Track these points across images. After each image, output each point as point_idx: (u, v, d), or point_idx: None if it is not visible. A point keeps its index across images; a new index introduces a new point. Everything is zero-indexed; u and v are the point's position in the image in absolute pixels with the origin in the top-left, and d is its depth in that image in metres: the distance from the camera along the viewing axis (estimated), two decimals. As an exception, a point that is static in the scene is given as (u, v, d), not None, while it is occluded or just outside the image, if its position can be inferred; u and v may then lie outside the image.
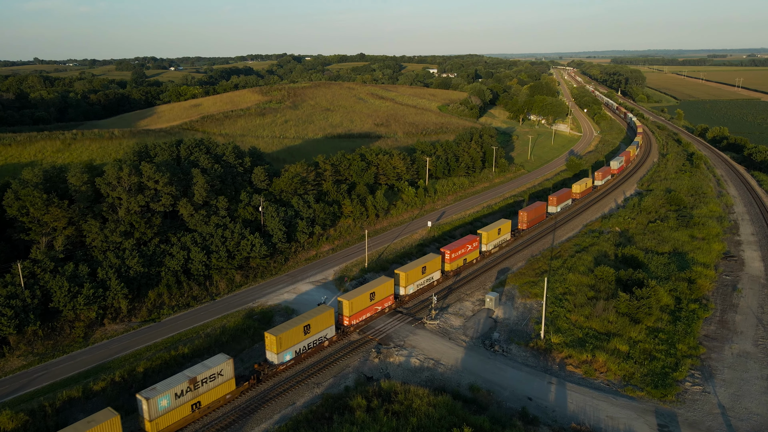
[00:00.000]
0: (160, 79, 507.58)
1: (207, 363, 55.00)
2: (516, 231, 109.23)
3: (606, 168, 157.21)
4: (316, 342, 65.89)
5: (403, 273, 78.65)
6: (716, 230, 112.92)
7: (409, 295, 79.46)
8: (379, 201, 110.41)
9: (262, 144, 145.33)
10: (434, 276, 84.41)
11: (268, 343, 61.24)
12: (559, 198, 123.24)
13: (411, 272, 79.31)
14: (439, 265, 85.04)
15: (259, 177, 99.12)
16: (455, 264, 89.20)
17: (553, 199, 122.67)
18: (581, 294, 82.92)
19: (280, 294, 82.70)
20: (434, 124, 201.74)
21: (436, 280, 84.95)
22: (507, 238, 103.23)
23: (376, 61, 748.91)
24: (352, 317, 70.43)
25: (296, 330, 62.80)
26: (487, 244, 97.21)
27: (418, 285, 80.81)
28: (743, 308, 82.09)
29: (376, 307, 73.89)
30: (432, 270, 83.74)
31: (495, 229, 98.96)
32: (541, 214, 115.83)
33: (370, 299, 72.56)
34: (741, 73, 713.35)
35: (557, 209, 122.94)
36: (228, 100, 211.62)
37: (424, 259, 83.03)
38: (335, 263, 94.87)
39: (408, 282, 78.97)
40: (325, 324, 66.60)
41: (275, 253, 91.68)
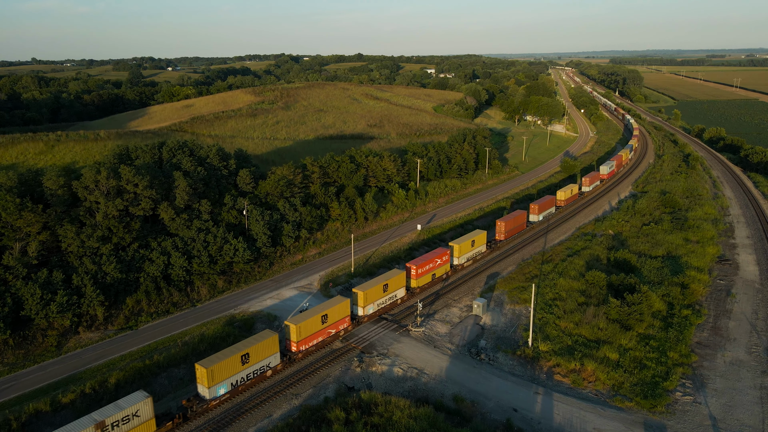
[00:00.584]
0: (157, 80, 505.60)
1: (120, 403, 48.56)
2: (493, 242, 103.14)
3: (594, 173, 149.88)
4: (257, 372, 59.20)
5: (361, 292, 72.07)
6: (711, 233, 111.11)
7: (368, 315, 73.08)
8: (368, 204, 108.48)
9: (252, 145, 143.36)
10: (398, 294, 78.03)
11: (199, 375, 54.26)
12: (541, 206, 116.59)
13: (370, 291, 72.96)
14: (403, 282, 78.87)
15: (245, 179, 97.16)
16: (423, 280, 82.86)
17: (534, 207, 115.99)
18: (571, 300, 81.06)
19: (263, 300, 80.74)
20: (428, 125, 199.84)
21: (400, 299, 78.59)
22: (482, 251, 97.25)
23: (373, 61, 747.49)
24: (300, 343, 64.05)
25: (232, 360, 56.03)
26: (459, 257, 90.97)
27: (379, 304, 74.44)
28: (737, 314, 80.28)
29: (329, 331, 67.47)
30: (395, 287, 77.46)
31: (468, 240, 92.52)
32: (520, 223, 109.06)
33: (322, 322, 66.10)
34: (739, 73, 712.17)
35: (539, 218, 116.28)
36: (220, 101, 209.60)
37: (385, 276, 76.71)
38: (321, 268, 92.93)
39: (367, 302, 72.58)
40: (268, 351, 60.01)
41: (260, 257, 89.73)
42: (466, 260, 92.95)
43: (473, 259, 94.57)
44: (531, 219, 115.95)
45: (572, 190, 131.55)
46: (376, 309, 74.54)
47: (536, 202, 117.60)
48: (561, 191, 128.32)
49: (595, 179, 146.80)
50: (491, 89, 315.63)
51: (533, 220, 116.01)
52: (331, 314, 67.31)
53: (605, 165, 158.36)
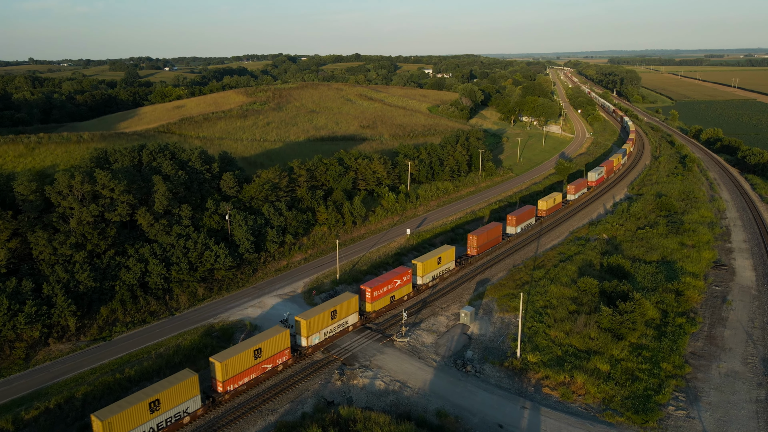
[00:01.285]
0: (152, 80, 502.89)
1: None
2: (464, 258, 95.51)
3: (581, 180, 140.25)
4: (171, 420, 51.70)
5: (305, 321, 64.90)
6: (707, 237, 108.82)
7: (312, 346, 66.34)
8: (356, 208, 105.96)
9: (241, 147, 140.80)
10: (349, 320, 71.03)
11: (95, 428, 47.12)
12: (519, 217, 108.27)
13: (316, 319, 66.05)
14: (355, 307, 71.47)
15: (228, 183, 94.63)
16: (379, 303, 75.28)
17: (512, 218, 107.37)
18: (562, 308, 78.65)
19: (244, 309, 78.21)
20: (422, 126, 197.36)
21: (352, 325, 71.58)
22: (450, 267, 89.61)
23: (371, 61, 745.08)
24: (228, 382, 56.69)
25: (138, 409, 48.61)
26: (423, 276, 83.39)
27: (326, 333, 67.57)
28: (732, 322, 77.94)
29: (264, 366, 60.20)
30: (346, 313, 70.30)
31: (434, 257, 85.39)
32: (495, 237, 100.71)
33: (255, 357, 58.75)
34: (737, 73, 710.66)
35: (517, 230, 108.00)
36: (212, 102, 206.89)
37: (334, 301, 69.66)
38: (307, 274, 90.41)
39: (311, 331, 65.66)
40: (185, 395, 52.69)
41: (242, 264, 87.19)
42: (432, 279, 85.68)
43: (440, 277, 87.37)
44: (508, 231, 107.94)
45: (555, 200, 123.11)
46: (322, 339, 67.39)
47: (514, 212, 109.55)
48: (543, 200, 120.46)
49: (581, 187, 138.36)
50: (487, 89, 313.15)
51: (510, 232, 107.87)
52: (266, 347, 59.92)
53: (593, 171, 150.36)
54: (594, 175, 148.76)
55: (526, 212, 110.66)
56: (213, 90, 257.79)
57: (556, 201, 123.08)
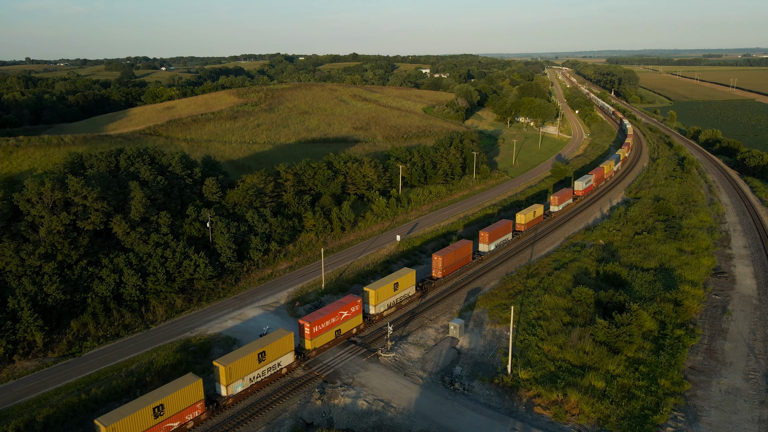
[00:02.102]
0: (148, 80, 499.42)
1: None
2: (427, 281, 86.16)
3: (565, 191, 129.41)
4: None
5: (223, 366, 54.82)
6: (706, 243, 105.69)
7: (233, 396, 56.72)
8: (345, 213, 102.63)
9: (229, 150, 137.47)
10: (282, 361, 61.39)
11: None
12: (494, 233, 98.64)
13: (239, 363, 56.19)
14: (290, 345, 62.11)
15: (211, 189, 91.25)
16: (322, 339, 66.49)
17: (484, 235, 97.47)
18: (556, 319, 75.42)
19: (224, 321, 74.85)
20: (417, 128, 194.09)
21: (285, 366, 62.05)
22: (410, 293, 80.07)
23: (368, 61, 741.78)
24: None
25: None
26: (376, 305, 74.18)
27: (252, 378, 58.47)
28: (733, 334, 74.76)
29: (168, 425, 50.49)
30: (277, 354, 60.58)
31: (390, 283, 75.81)
32: (464, 256, 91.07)
33: (155, 415, 49.16)
34: (736, 73, 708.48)
35: (490, 248, 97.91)
36: (203, 103, 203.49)
37: (263, 341, 60.11)
38: (291, 283, 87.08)
39: (232, 378, 56.13)
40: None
41: (224, 273, 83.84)
42: (387, 307, 76.18)
43: (397, 305, 77.80)
44: (481, 249, 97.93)
45: (535, 212, 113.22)
46: (247, 385, 58.06)
47: (488, 228, 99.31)
48: (521, 214, 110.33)
49: (566, 197, 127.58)
50: (484, 90, 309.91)
51: (483, 250, 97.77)
52: (170, 403, 50.31)
53: (581, 180, 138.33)
54: (581, 184, 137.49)
55: (501, 227, 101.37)
56: (206, 90, 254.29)
57: (536, 214, 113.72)
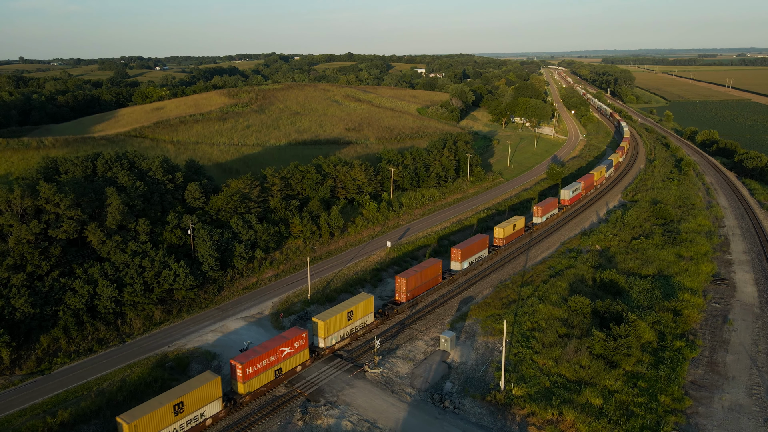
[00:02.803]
0: (141, 80, 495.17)
1: None
2: (389, 306, 77.29)
3: (550, 200, 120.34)
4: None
5: (127, 425, 46.19)
6: (705, 248, 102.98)
7: None
8: (334, 218, 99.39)
9: (217, 152, 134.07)
10: (207, 411, 52.47)
11: None
12: (467, 250, 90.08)
13: (148, 418, 47.63)
14: (216, 392, 53.26)
15: (193, 194, 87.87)
16: (258, 381, 57.77)
17: (457, 252, 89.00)
18: (551, 330, 72.41)
19: (204, 334, 71.49)
20: (410, 129, 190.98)
21: (211, 417, 52.98)
22: (367, 322, 71.82)
23: (364, 60, 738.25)
24: None
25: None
26: (326, 338, 65.52)
27: None
28: (735, 345, 71.92)
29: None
30: (201, 402, 51.82)
31: (343, 312, 67.34)
32: (432, 277, 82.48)
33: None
34: (731, 72, 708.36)
35: (463, 266, 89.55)
36: (192, 103, 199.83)
37: (182, 388, 51.62)
38: (277, 293, 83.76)
39: None
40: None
41: (206, 282, 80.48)
42: (339, 339, 67.60)
43: (352, 336, 69.51)
44: (453, 267, 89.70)
45: (515, 225, 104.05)
46: None
47: (461, 245, 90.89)
48: (499, 227, 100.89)
49: (550, 207, 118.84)
50: (479, 90, 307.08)
51: (455, 268, 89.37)
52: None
53: (568, 188, 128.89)
54: (567, 192, 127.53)
55: (476, 243, 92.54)
56: (196, 91, 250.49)
57: (516, 227, 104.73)
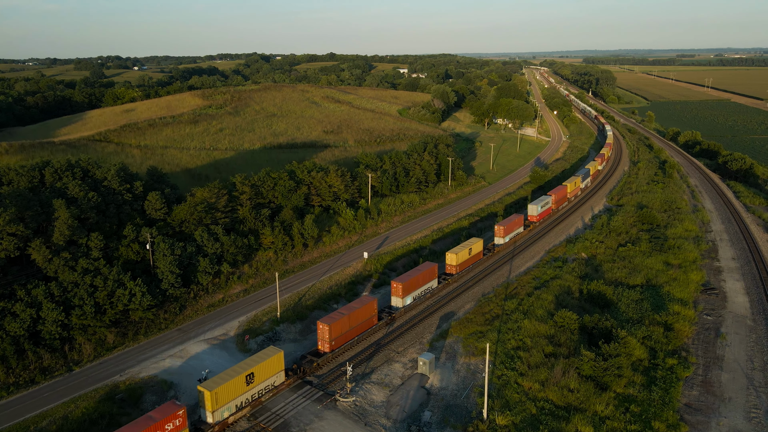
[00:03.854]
0: (117, 80, 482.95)
1: None
2: (308, 358, 63.74)
3: (515, 218, 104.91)
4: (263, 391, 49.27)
5: None
6: (693, 255, 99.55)
7: None
8: (308, 228, 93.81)
9: (186, 157, 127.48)
10: None
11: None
12: (411, 282, 76.44)
13: None
14: None
15: (154, 205, 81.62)
16: None
17: (397, 286, 75.32)
18: (537, 349, 67.82)
19: (162, 360, 65.47)
20: (390, 131, 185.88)
21: None
22: (275, 383, 58.49)
23: (346, 60, 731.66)
24: None
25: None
26: (215, 411, 51.84)
27: None
28: (730, 362, 68.08)
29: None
30: None
31: (241, 375, 54.29)
32: (365, 319, 69.84)
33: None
34: (710, 72, 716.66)
35: (404, 302, 76.15)
36: (165, 105, 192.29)
37: None
38: (245, 310, 77.97)
39: None
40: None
41: (166, 301, 74.38)
42: (236, 409, 54.19)
43: (253, 403, 56.28)
44: (393, 304, 76.53)
45: (471, 250, 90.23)
46: None
47: (403, 277, 77.10)
48: (452, 253, 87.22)
49: (515, 226, 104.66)
50: (461, 90, 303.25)
51: (396, 305, 76.21)
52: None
53: (536, 203, 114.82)
54: (536, 208, 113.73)
55: (422, 274, 78.91)
56: (171, 92, 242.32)
57: (473, 251, 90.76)
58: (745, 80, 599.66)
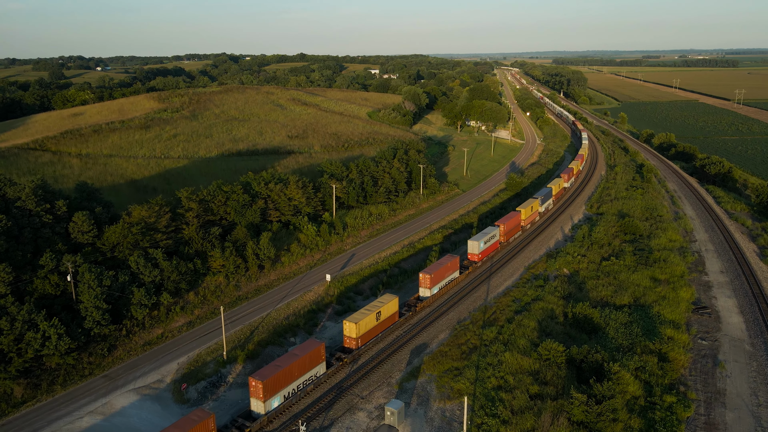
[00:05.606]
0: (77, 81, 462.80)
1: None
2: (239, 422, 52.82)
3: (447, 260, 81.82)
4: None
5: None
6: (680, 268, 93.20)
7: None
8: (263, 248, 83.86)
9: (132, 167, 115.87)
10: None
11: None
12: (279, 377, 54.38)
13: None
14: None
15: (81, 227, 70.65)
16: None
17: (257, 386, 53.27)
18: (521, 390, 59.56)
19: (79, 417, 54.79)
20: (359, 135, 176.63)
21: None
22: None
23: (316, 61, 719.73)
24: None
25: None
26: None
27: None
28: (732, 397, 61.05)
29: None
30: None
31: None
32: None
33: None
34: (676, 73, 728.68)
35: (270, 405, 54.03)
36: (117, 109, 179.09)
37: None
38: (187, 348, 67.67)
39: None
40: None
41: (91, 341, 63.65)
42: None
43: None
44: (253, 409, 54.39)
45: (380, 314, 67.33)
46: None
47: (266, 372, 54.51)
48: (350, 322, 64.36)
49: (448, 270, 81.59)
50: (433, 92, 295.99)
51: (256, 410, 54.15)
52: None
53: (478, 238, 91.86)
54: (477, 245, 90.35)
55: (299, 361, 56.70)
56: (126, 94, 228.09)
57: (382, 315, 68.04)
58: (709, 81, 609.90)
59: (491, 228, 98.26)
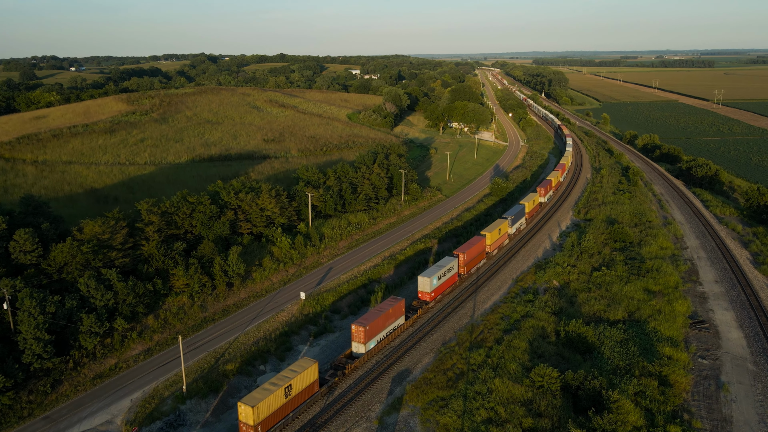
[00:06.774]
0: (49, 81, 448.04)
1: None
2: None
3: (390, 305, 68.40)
4: None
5: None
6: (674, 278, 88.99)
7: None
8: (232, 264, 77.17)
9: (94, 174, 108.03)
10: None
11: None
12: None
13: None
14: None
15: (23, 246, 63.29)
16: None
17: None
18: (514, 423, 54.11)
19: (11, 471, 47.84)
20: (339, 138, 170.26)
21: None
22: None
23: (297, 61, 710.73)
24: None
25: None
26: None
27: None
28: (740, 426, 56.49)
29: None
30: None
31: None
32: None
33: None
34: (654, 74, 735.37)
35: None
36: (82, 111, 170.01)
37: None
38: (143, 380, 60.81)
39: None
40: None
41: (31, 378, 56.45)
42: None
43: None
44: None
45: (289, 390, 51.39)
46: None
47: None
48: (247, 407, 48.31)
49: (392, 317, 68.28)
50: (415, 93, 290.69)
51: None
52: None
53: (430, 273, 76.83)
54: (428, 281, 75.50)
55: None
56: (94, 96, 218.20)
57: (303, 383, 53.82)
58: (687, 81, 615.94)
59: (448, 259, 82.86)
